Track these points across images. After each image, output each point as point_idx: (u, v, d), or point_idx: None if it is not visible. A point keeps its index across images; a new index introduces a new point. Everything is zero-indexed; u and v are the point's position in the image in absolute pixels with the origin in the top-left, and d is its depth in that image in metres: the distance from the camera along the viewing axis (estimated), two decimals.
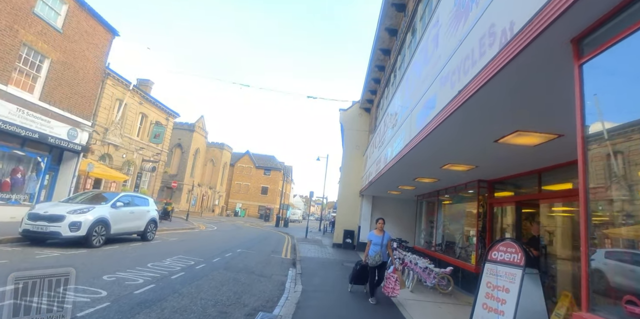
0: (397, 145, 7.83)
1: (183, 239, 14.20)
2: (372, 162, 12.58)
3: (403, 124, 7.24)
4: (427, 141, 5.38)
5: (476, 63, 3.47)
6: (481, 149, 5.48)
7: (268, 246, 15.31)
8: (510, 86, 3.26)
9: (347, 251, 15.86)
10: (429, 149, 5.93)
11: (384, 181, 11.16)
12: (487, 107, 3.84)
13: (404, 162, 7.57)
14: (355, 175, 18.01)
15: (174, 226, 19.60)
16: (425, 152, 6.21)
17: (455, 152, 5.98)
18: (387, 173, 9.43)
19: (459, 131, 4.76)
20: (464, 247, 9.53)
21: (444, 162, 6.90)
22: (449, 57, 4.46)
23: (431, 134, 5.00)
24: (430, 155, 6.47)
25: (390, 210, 17.38)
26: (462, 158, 6.41)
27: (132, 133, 25.35)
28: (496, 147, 5.13)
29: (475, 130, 4.61)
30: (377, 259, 6.93)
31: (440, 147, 5.73)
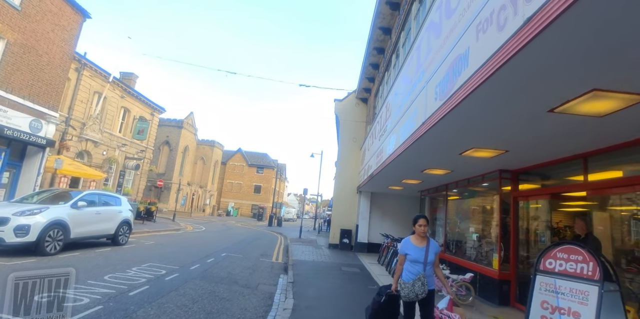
0: (406, 129, 6.54)
1: (162, 242, 12.78)
2: (372, 155, 11.29)
3: (415, 102, 5.94)
4: (453, 116, 4.09)
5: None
6: (525, 123, 4.17)
7: (258, 249, 13.94)
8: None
9: (344, 253, 14.56)
10: (452, 127, 4.62)
11: (386, 175, 9.86)
12: (561, 53, 2.53)
13: (414, 150, 6.29)
14: (352, 170, 16.71)
15: (157, 227, 18.13)
16: (445, 132, 4.91)
17: (486, 129, 4.67)
18: (391, 165, 8.14)
19: (505, 96, 3.45)
20: (479, 248, 8.27)
21: (467, 147, 5.60)
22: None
23: (461, 105, 3.70)
24: (450, 136, 5.16)
25: (391, 207, 16.12)
26: (494, 139, 5.10)
27: (114, 129, 23.77)
28: (549, 119, 3.83)
29: (531, 92, 3.29)
30: (420, 288, 3.76)
31: (468, 123, 4.42)
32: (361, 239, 15.48)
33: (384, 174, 9.76)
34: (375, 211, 16.02)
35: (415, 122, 5.78)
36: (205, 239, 15.70)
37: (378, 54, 13.05)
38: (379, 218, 15.98)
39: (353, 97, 17.63)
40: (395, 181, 10.95)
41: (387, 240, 12.57)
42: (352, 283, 8.21)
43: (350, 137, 16.57)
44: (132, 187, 26.67)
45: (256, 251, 12.98)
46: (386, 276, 9.32)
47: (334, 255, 13.40)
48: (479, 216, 8.82)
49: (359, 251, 15.28)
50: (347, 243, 15.83)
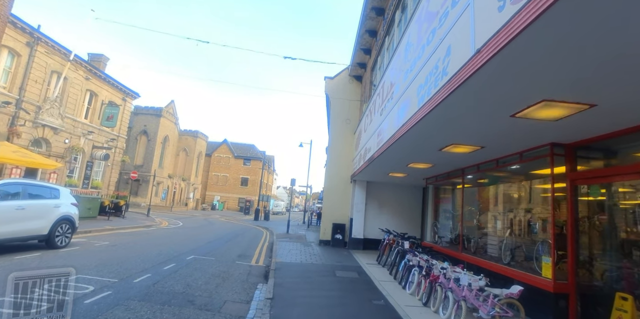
0: (426, 88, 4.60)
1: (120, 242, 10.65)
2: (371, 134, 9.32)
3: (438, 50, 3.99)
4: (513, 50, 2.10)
5: None
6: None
7: (236, 248, 11.92)
8: None
9: (337, 251, 12.66)
10: (514, 66, 2.65)
11: (390, 156, 7.91)
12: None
13: (437, 117, 4.43)
14: (345, 157, 14.73)
15: (123, 224, 15.92)
16: (503, 77, 2.94)
17: (561, 72, 2.72)
18: (400, 142, 6.22)
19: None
20: (514, 248, 6.41)
21: (528, 102, 3.64)
22: None
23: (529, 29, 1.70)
24: (508, 88, 3.21)
25: (389, 198, 14.25)
26: (572, 87, 3.14)
27: (78, 114, 21.25)
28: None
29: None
30: None
31: (536, 62, 2.45)
32: (356, 234, 13.59)
33: (387, 156, 7.80)
34: (371, 203, 14.13)
35: (442, 74, 3.84)
36: (177, 237, 13.60)
37: (377, 16, 10.97)
38: (375, 211, 14.10)
39: (345, 75, 15.57)
40: (400, 166, 9.01)
41: (387, 236, 10.70)
42: (352, 297, 6.27)
43: (343, 119, 14.54)
44: (102, 179, 24.24)
45: (233, 251, 10.96)
46: (392, 283, 7.42)
47: (325, 254, 11.48)
48: (514, 206, 6.95)
49: (354, 248, 13.41)
50: (340, 239, 13.93)
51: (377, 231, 13.64)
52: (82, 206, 15.62)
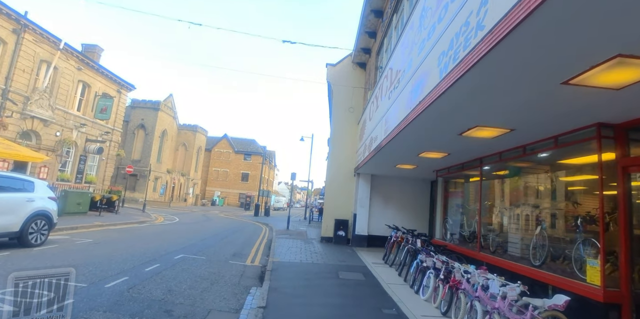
0: (448, 60, 3.76)
1: (106, 239, 9.85)
2: (378, 121, 8.45)
3: (468, 2, 3.11)
4: None
5: None
6: None
7: (231, 246, 11.10)
8: None
9: (340, 248, 11.83)
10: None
11: (399, 146, 7.05)
12: None
13: (460, 91, 3.59)
14: (348, 149, 13.86)
15: (115, 220, 15.13)
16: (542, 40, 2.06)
17: None
18: (411, 128, 5.40)
19: None
20: (550, 248, 5.54)
21: (595, 60, 2.76)
22: None
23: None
24: (576, 37, 2.32)
25: (395, 193, 13.40)
26: None
27: (69, 106, 20.41)
28: None
29: None
30: None
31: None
32: (360, 231, 12.76)
33: (396, 144, 6.93)
34: (376, 198, 13.28)
35: (477, 29, 2.97)
36: (169, 234, 12.79)
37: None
38: (380, 206, 13.25)
39: (348, 62, 14.63)
40: (410, 156, 8.12)
41: (394, 233, 9.86)
42: (358, 304, 5.43)
43: (346, 108, 13.63)
44: (97, 174, 23.47)
45: (228, 250, 10.14)
46: (403, 287, 6.58)
47: (327, 252, 10.65)
48: (545, 200, 6.07)
49: (358, 245, 12.58)
50: (342, 235, 13.10)
51: (383, 228, 12.81)
52: (71, 201, 14.89)
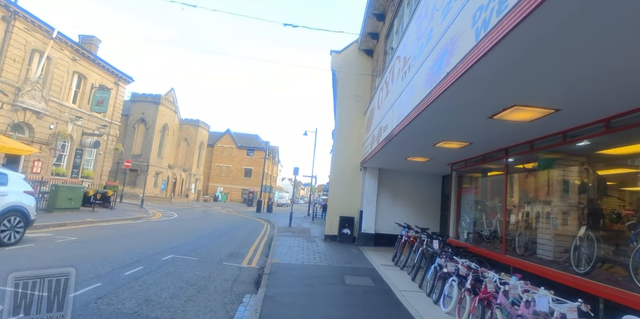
0: (490, 14, 2.88)
1: (89, 238, 9.10)
2: (388, 109, 7.59)
3: None
4: None
5: None
6: None
7: (228, 244, 10.32)
8: None
9: (345, 248, 11.02)
10: None
11: (414, 133, 6.19)
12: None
13: (506, 55, 2.68)
14: (354, 141, 13.00)
15: (109, 216, 14.43)
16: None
17: None
18: (431, 111, 4.56)
19: None
20: (593, 253, 4.68)
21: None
22: None
23: None
24: None
25: (404, 188, 12.54)
26: None
27: (64, 98, 19.68)
28: None
29: None
30: None
31: None
32: (366, 229, 11.94)
33: (412, 131, 6.07)
34: (384, 193, 12.43)
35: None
36: (163, 231, 12.05)
37: None
38: (389, 202, 12.41)
39: (354, 49, 13.72)
40: (425, 146, 7.24)
41: (405, 232, 9.02)
42: (369, 318, 4.61)
43: (352, 96, 12.73)
44: (94, 168, 22.80)
45: (224, 249, 9.36)
46: (418, 295, 5.74)
47: (331, 252, 9.84)
48: (591, 196, 5.18)
49: (364, 244, 11.76)
50: (348, 233, 12.28)
51: (391, 226, 11.98)
52: (61, 196, 14.18)
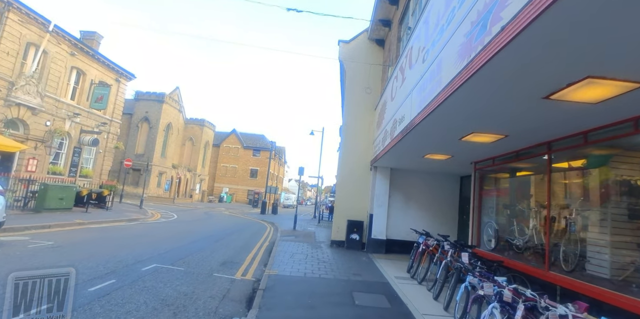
0: None
1: (68, 242, 8.20)
2: (405, 98, 6.55)
3: None
4: None
5: None
6: None
7: (224, 250, 9.33)
8: None
9: (354, 255, 9.98)
10: None
11: (439, 123, 5.14)
12: None
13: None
14: (364, 138, 11.95)
15: (102, 217, 13.58)
16: None
17: None
18: (465, 92, 3.51)
19: None
20: None
21: None
22: None
23: None
24: None
25: (418, 190, 11.46)
26: None
27: (62, 94, 18.98)
28: None
29: None
30: None
31: None
32: (377, 234, 10.88)
33: (436, 121, 5.02)
34: (396, 195, 11.36)
35: None
36: (156, 235, 11.13)
37: None
38: (401, 205, 11.34)
39: (364, 39, 12.69)
40: (449, 140, 6.17)
41: (422, 240, 7.94)
42: None
43: (362, 89, 11.68)
44: (94, 167, 22.08)
45: (218, 256, 8.37)
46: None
47: (339, 261, 8.80)
48: None
49: (375, 251, 10.70)
50: (356, 239, 11.22)
51: (404, 231, 10.91)
52: (51, 196, 13.36)
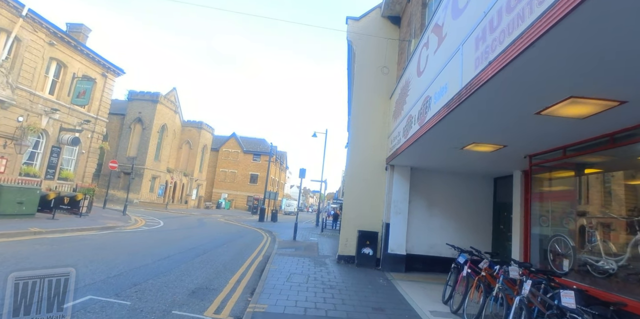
0: None
1: (9, 256, 6.22)
2: (444, 64, 4.59)
3: None
4: None
5: None
6: None
7: (202, 270, 7.29)
8: None
9: (367, 276, 7.94)
10: None
11: (519, 84, 3.14)
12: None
13: None
14: (376, 132, 9.98)
15: (70, 225, 11.58)
16: None
17: None
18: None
19: None
20: None
21: None
22: None
23: None
24: None
25: (442, 194, 9.45)
26: None
27: (38, 87, 17.16)
28: None
29: None
30: None
31: None
32: (395, 248, 8.83)
33: (507, 83, 3.04)
34: (417, 201, 9.35)
35: None
36: (122, 248, 9.11)
37: None
38: (423, 213, 9.33)
39: (376, 16, 10.79)
40: (521, 115, 4.18)
41: (462, 259, 5.92)
42: None
43: (376, 70, 9.71)
44: (76, 170, 20.17)
45: (190, 280, 6.33)
46: None
47: (350, 286, 6.74)
48: None
49: (392, 269, 8.65)
50: (369, 254, 9.16)
51: (426, 244, 8.92)
52: (6, 200, 11.28)
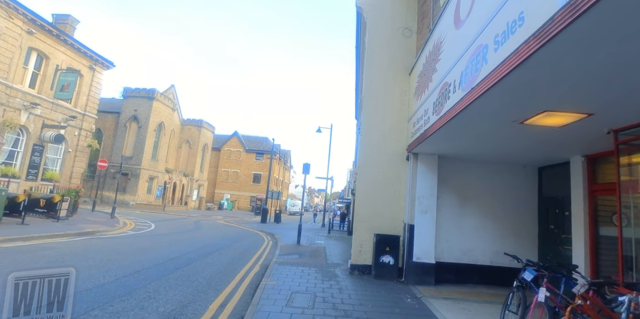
0: None
1: None
2: (491, 18, 2.87)
3: None
4: None
5: None
6: None
7: (177, 290, 5.67)
8: None
9: (389, 293, 6.29)
10: None
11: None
12: None
13: None
14: (393, 116, 8.31)
15: (41, 230, 10.03)
16: None
17: None
18: None
19: None
20: None
21: None
22: None
23: None
24: None
25: (476, 189, 7.76)
26: None
27: (16, 79, 15.68)
28: None
29: None
30: None
31: None
32: (421, 255, 7.16)
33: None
34: (446, 196, 7.69)
35: None
36: (87, 260, 7.51)
37: None
38: (454, 211, 7.66)
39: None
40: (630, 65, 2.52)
41: (529, 275, 4.24)
42: None
43: (394, 33, 8.01)
44: (62, 170, 18.69)
45: (158, 305, 4.70)
46: None
47: (369, 310, 5.06)
48: None
49: (419, 282, 6.99)
50: (390, 263, 7.48)
51: (457, 249, 7.27)
52: None
